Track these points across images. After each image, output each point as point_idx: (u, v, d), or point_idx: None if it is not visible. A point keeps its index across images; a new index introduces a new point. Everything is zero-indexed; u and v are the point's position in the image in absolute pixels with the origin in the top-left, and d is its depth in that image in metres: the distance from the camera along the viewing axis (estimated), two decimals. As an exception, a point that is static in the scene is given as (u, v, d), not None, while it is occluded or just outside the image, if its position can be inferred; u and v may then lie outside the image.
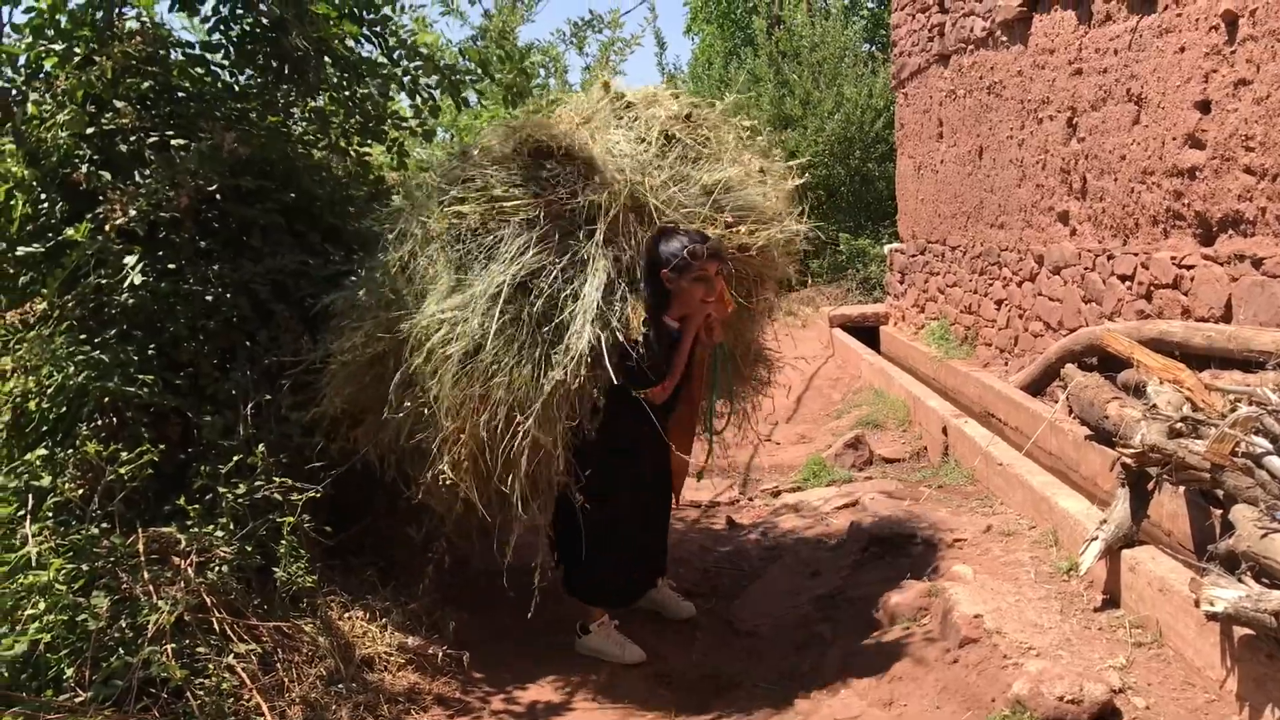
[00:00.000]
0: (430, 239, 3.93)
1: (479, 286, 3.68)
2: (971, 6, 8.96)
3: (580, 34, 10.23)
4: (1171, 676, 3.42)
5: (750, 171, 4.20)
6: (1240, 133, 4.95)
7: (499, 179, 3.91)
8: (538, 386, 3.54)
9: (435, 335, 3.68)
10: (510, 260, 3.70)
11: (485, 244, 3.79)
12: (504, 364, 3.57)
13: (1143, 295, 5.96)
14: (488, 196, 3.86)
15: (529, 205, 3.80)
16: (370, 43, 5.06)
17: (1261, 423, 3.25)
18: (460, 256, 3.81)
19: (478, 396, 3.58)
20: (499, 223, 3.81)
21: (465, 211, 3.85)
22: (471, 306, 3.66)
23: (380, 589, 4.23)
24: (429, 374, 3.71)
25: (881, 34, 21.25)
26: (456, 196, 3.92)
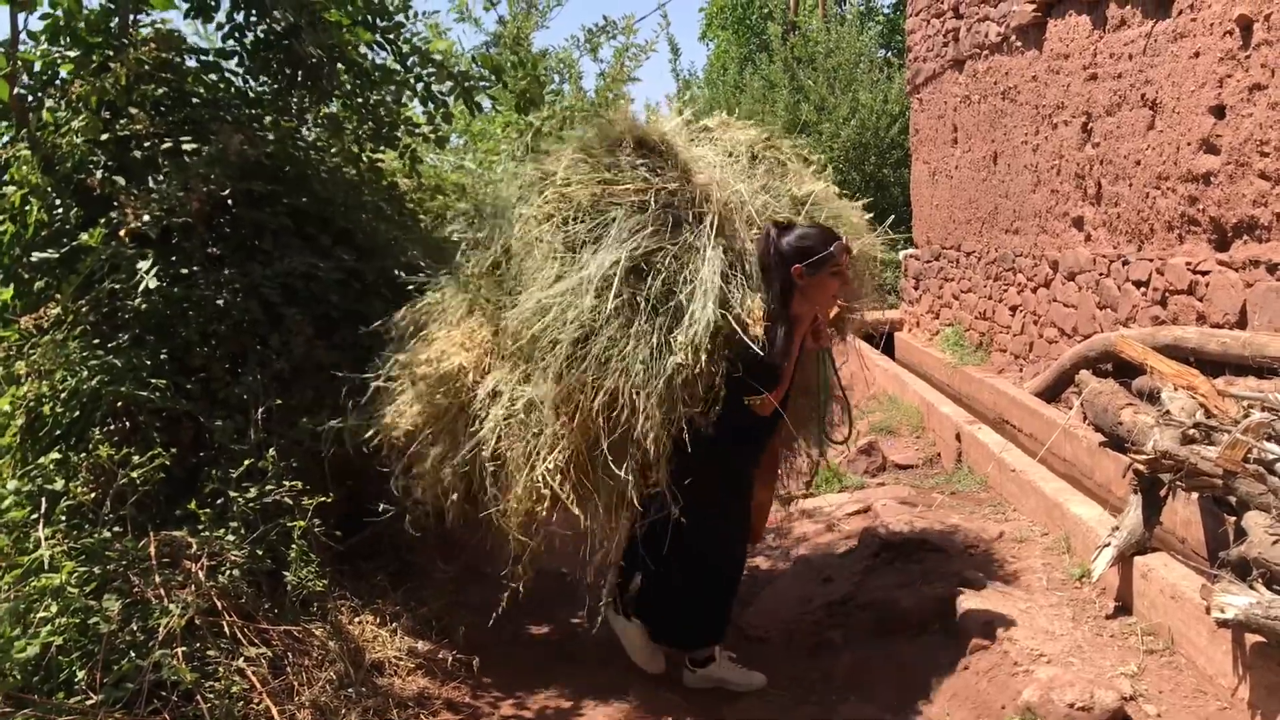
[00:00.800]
0: (528, 232, 3.74)
1: (591, 268, 3.48)
2: (986, 12, 8.95)
3: (594, 40, 10.24)
4: (1183, 684, 3.40)
5: (831, 191, 4.14)
6: (1255, 138, 4.93)
7: (606, 164, 3.75)
8: (659, 370, 3.35)
9: (539, 324, 3.48)
10: (624, 240, 3.52)
11: (595, 226, 3.60)
12: (621, 349, 3.38)
13: (1158, 301, 5.93)
14: (597, 179, 3.69)
15: (640, 189, 3.64)
16: (383, 50, 5.08)
17: (1274, 429, 3.23)
18: (566, 240, 3.61)
19: (590, 385, 3.38)
20: (609, 204, 3.63)
21: (572, 193, 3.68)
22: (583, 289, 3.45)
23: (391, 593, 4.24)
24: (531, 368, 3.54)
25: (897, 39, 21.22)
26: (562, 180, 3.75)
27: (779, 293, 3.54)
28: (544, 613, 4.57)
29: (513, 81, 6.13)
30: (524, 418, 3.54)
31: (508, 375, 3.63)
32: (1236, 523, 3.39)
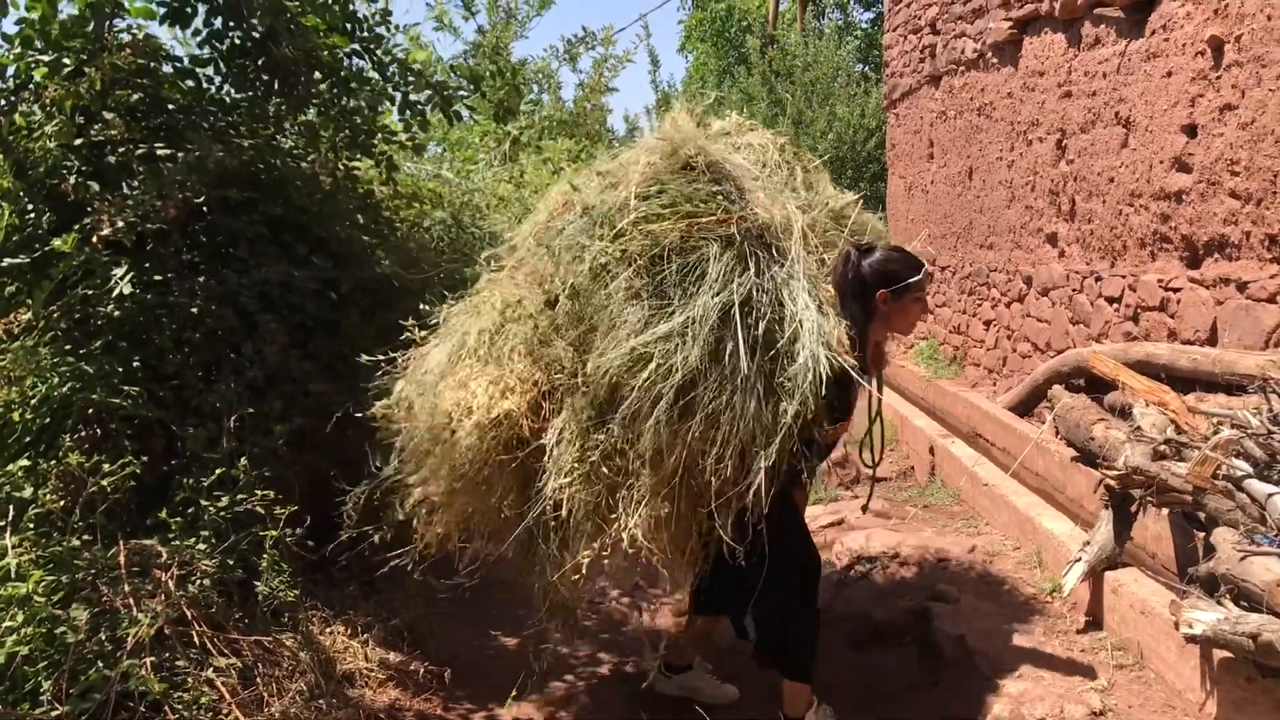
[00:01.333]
0: (603, 271, 3.34)
1: (695, 311, 3.16)
2: (962, 29, 9.02)
3: (573, 50, 10.28)
4: (1152, 699, 3.43)
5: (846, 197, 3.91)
6: (1226, 157, 4.98)
7: (681, 193, 3.40)
8: (774, 419, 3.09)
9: (640, 375, 3.15)
10: (721, 279, 3.21)
11: (686, 264, 3.26)
12: (727, 398, 3.09)
13: (1130, 317, 5.98)
14: (681, 212, 3.35)
15: (724, 220, 3.33)
16: (360, 57, 5.07)
17: (1242, 446, 3.26)
18: (655, 282, 3.26)
19: (696, 437, 3.10)
20: (700, 239, 3.29)
21: (658, 230, 3.31)
22: (688, 334, 3.14)
23: (363, 604, 4.22)
24: (626, 420, 3.17)
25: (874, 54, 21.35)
26: (645, 215, 3.36)
27: (860, 318, 3.36)
28: (517, 625, 4.56)
29: (491, 91, 6.13)
30: (600, 468, 3.22)
31: (573, 421, 3.28)
32: (1206, 539, 3.42)
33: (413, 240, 5.74)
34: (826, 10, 24.69)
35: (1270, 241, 4.67)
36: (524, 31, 9.80)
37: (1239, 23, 4.87)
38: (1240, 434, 3.32)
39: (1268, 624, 2.69)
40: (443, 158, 7.96)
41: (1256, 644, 2.70)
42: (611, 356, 3.20)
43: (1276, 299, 4.60)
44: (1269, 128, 4.64)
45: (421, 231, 6.02)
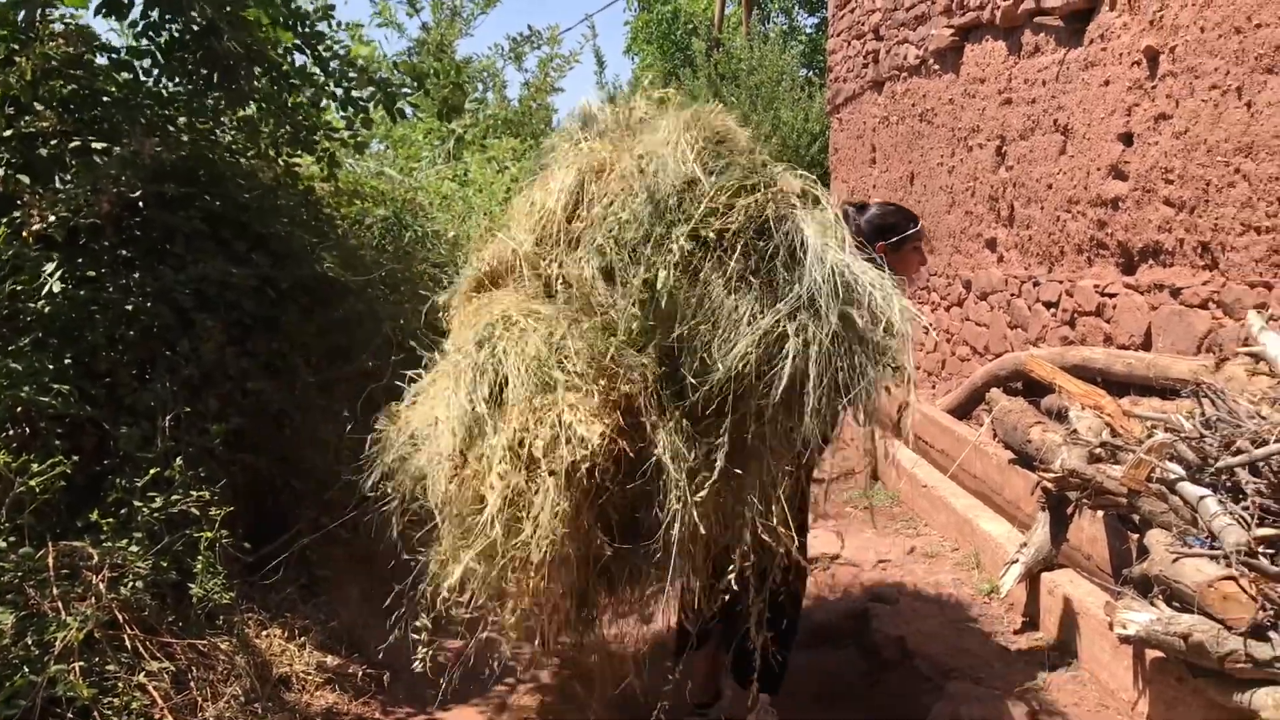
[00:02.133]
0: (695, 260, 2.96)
1: (815, 278, 2.88)
2: (905, 35, 9.11)
3: (519, 50, 10.23)
4: (1087, 699, 3.47)
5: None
6: (1161, 165, 5.07)
7: (743, 165, 3.11)
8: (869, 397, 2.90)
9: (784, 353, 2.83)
10: (824, 251, 2.93)
11: (787, 234, 2.95)
12: (860, 365, 2.86)
13: (1066, 322, 6.07)
14: (755, 185, 3.03)
15: (788, 191, 3.08)
16: (303, 52, 5.00)
17: (1176, 449, 3.31)
18: (760, 259, 2.94)
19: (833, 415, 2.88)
20: (785, 213, 3.00)
21: (753, 201, 2.99)
22: (820, 303, 2.86)
23: (301, 606, 4.16)
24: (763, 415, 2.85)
25: (818, 59, 21.50)
26: (731, 189, 3.00)
27: None
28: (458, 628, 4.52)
29: (435, 89, 6.09)
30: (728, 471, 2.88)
31: (680, 431, 2.90)
32: (1139, 540, 3.47)
33: (354, 238, 5.68)
34: (771, 14, 24.81)
35: (1203, 248, 4.77)
36: (469, 30, 9.75)
37: (1174, 34, 4.97)
38: (1173, 438, 3.37)
39: (1198, 624, 2.74)
40: (386, 155, 7.88)
41: (1188, 644, 2.75)
42: (740, 346, 2.84)
43: (1209, 305, 4.69)
44: (1202, 137, 4.74)
45: (363, 229, 5.96)
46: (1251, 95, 4.41)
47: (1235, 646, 2.59)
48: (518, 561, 2.86)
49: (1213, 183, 4.67)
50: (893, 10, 9.42)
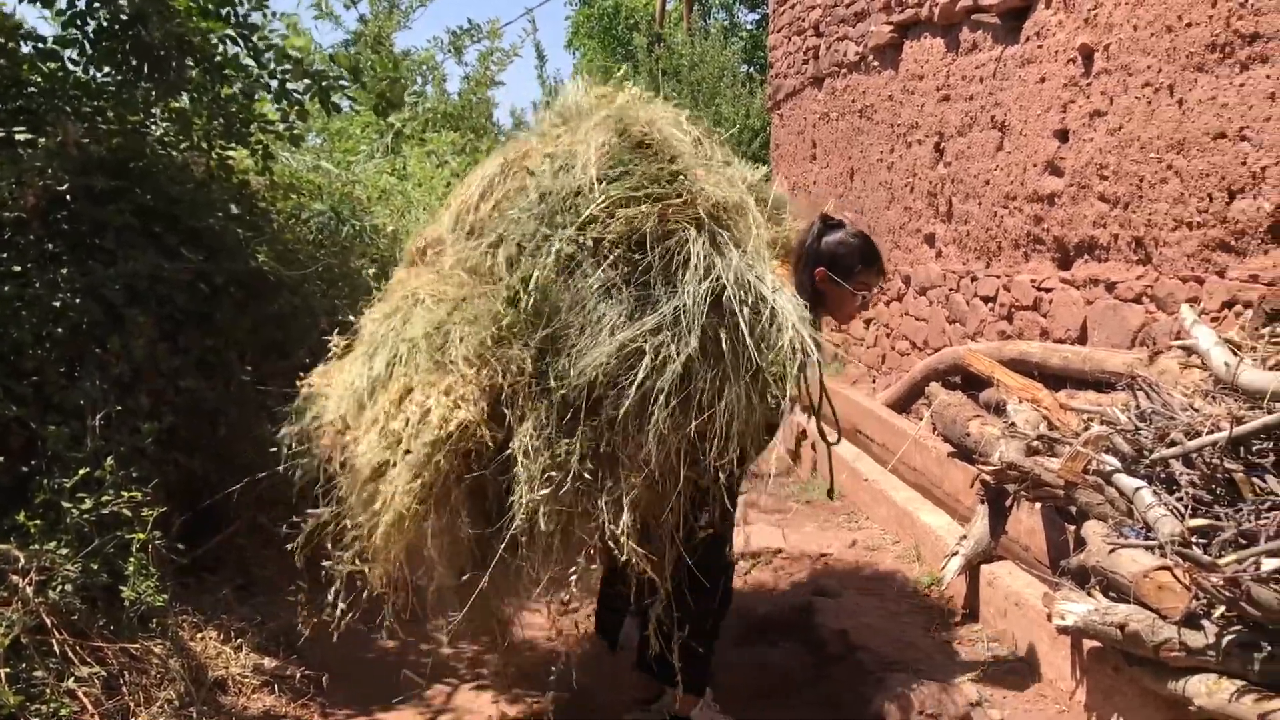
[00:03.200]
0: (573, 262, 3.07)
1: (685, 298, 2.95)
2: (845, 31, 9.16)
3: (458, 43, 10.13)
4: (1026, 689, 3.51)
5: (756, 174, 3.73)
6: (1095, 162, 5.14)
7: (644, 174, 3.16)
8: (767, 409, 2.95)
9: (633, 371, 2.91)
10: (704, 264, 2.99)
11: (668, 251, 3.03)
12: (723, 389, 2.91)
13: (1004, 316, 6.14)
14: (651, 195, 3.10)
15: (690, 201, 3.11)
16: (236, 44, 4.90)
17: (1111, 441, 3.36)
18: (634, 272, 3.02)
19: (694, 431, 2.90)
20: (675, 223, 3.06)
21: (633, 214, 3.06)
22: (681, 323, 2.93)
23: (237, 608, 4.09)
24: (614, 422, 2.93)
25: (759, 55, 21.59)
26: (616, 199, 3.10)
27: (810, 302, 3.19)
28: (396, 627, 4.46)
29: (372, 81, 6.01)
30: (581, 474, 2.95)
31: (542, 427, 2.99)
32: (1077, 532, 3.52)
33: (290, 232, 5.59)
34: (712, 10, 24.87)
35: (1136, 244, 4.84)
36: (407, 22, 9.62)
37: (1108, 32, 5.04)
38: (1109, 430, 3.42)
39: (1134, 614, 2.77)
40: (322, 149, 7.77)
41: (1124, 634, 2.78)
42: (597, 354, 2.94)
43: (1143, 300, 4.77)
44: (1135, 134, 4.81)
45: (299, 223, 5.86)
46: (1183, 93, 4.48)
47: (1170, 635, 2.63)
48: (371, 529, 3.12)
49: (1146, 179, 4.74)
50: (833, 7, 9.48)
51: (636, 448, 2.92)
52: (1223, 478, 2.92)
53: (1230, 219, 4.20)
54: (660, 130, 3.30)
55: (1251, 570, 2.43)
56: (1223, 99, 4.25)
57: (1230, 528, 2.71)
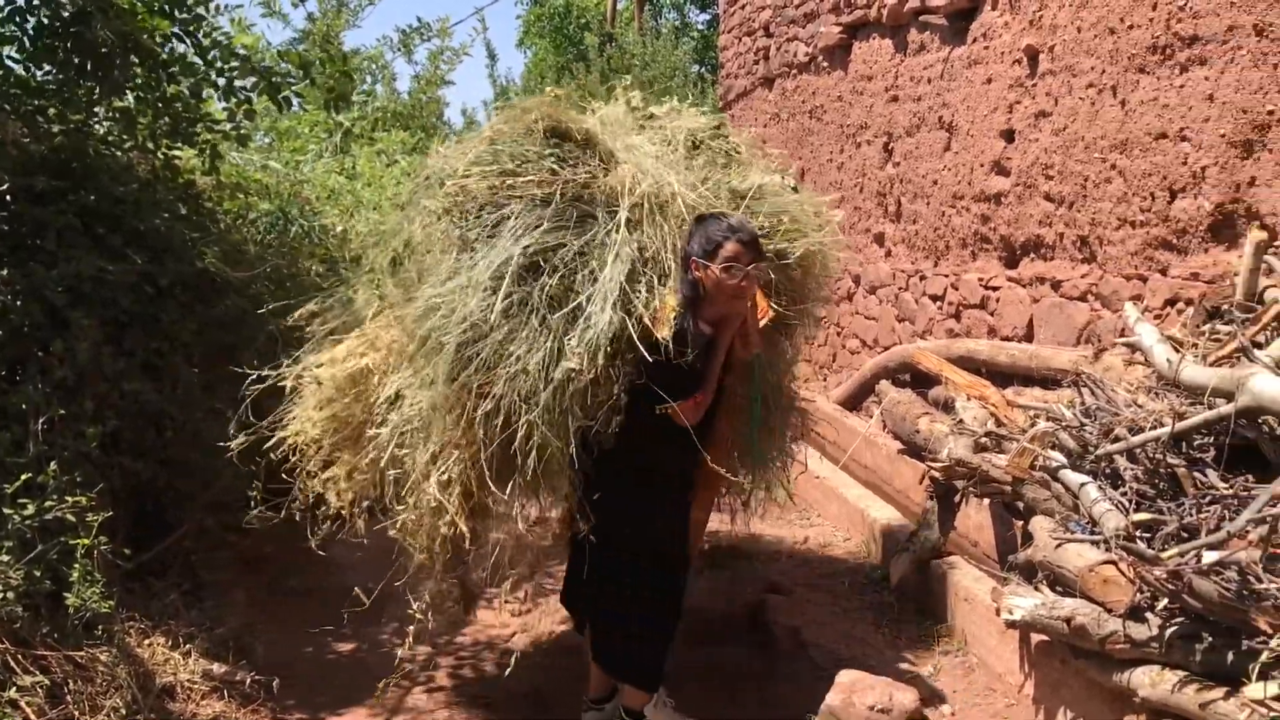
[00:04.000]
0: (428, 225, 3.53)
1: (480, 265, 3.25)
2: (795, 32, 9.21)
3: (408, 41, 10.07)
4: (976, 683, 3.56)
5: (783, 185, 3.88)
6: (1041, 161, 5.21)
7: (509, 153, 3.47)
8: (547, 377, 3.10)
9: (428, 323, 3.29)
10: (520, 235, 3.26)
11: (492, 220, 3.36)
12: (510, 352, 3.14)
13: (952, 315, 6.21)
14: (499, 170, 3.43)
15: (545, 181, 3.38)
16: (182, 41, 4.83)
17: (1057, 438, 3.40)
18: (462, 235, 3.39)
19: (476, 391, 3.17)
20: (508, 197, 3.37)
21: (470, 185, 3.42)
22: (472, 287, 3.23)
23: (185, 613, 4.03)
24: (421, 372, 3.34)
25: (710, 55, 21.64)
26: (463, 173, 3.47)
27: (688, 291, 3.22)
28: (350, 630, 4.43)
29: (321, 79, 5.94)
30: (420, 425, 3.35)
31: (410, 378, 3.42)
32: (1024, 527, 3.56)
33: (237, 233, 5.52)
34: (664, 10, 24.90)
35: (1081, 242, 4.91)
36: (357, 21, 9.56)
37: (1052, 33, 5.10)
38: (1055, 427, 3.47)
39: (1080, 608, 2.82)
40: (270, 148, 7.68)
41: (1070, 627, 2.82)
42: (414, 307, 3.33)
43: (1087, 297, 4.84)
44: (1080, 134, 4.88)
45: (246, 224, 5.79)
46: (1125, 94, 4.55)
47: (1115, 628, 2.68)
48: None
49: (1090, 178, 4.81)
50: (783, 8, 9.52)
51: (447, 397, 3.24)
52: (1165, 473, 2.97)
53: (1172, 218, 4.28)
54: (559, 121, 3.55)
55: (1193, 563, 2.48)
56: (1164, 100, 4.32)
57: (1173, 522, 2.76)
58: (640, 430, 3.21)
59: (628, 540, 3.40)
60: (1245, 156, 3.93)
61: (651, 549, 3.45)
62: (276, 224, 5.94)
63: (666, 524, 3.50)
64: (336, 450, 3.78)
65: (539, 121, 3.54)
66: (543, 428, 3.10)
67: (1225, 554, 2.42)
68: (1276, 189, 3.81)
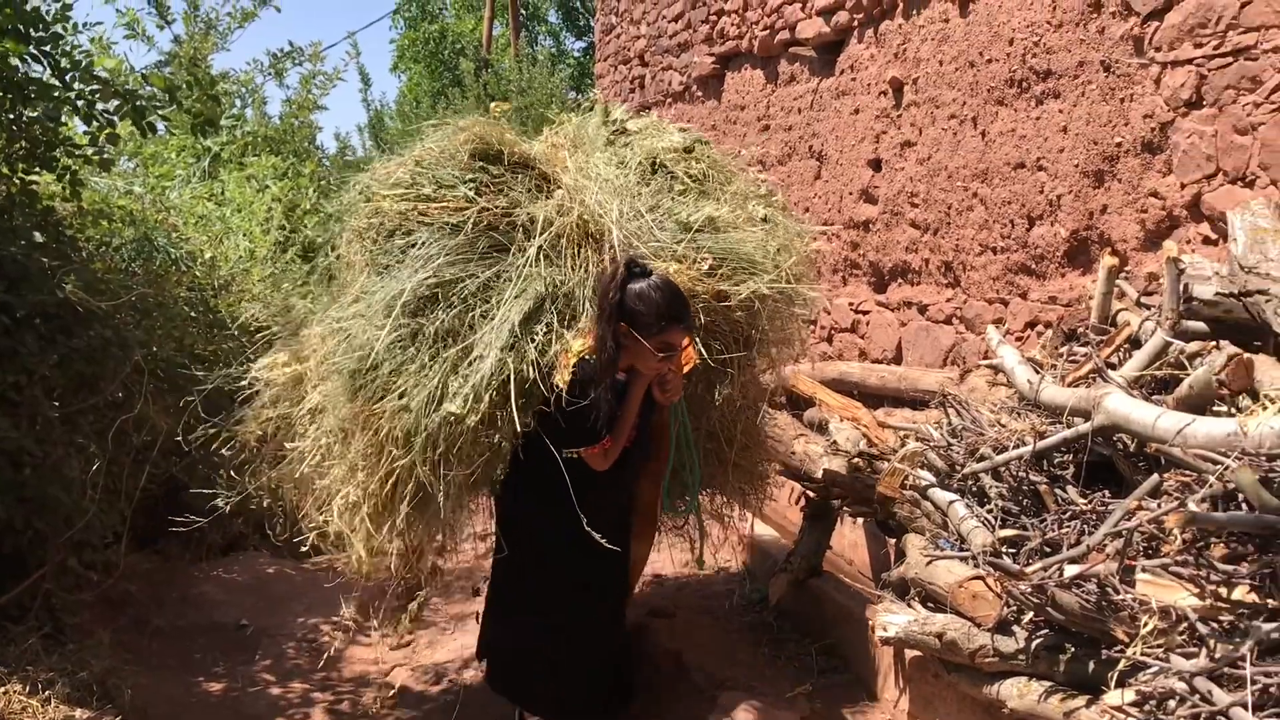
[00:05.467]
0: (349, 244, 3.51)
1: (379, 294, 3.21)
2: (669, 62, 9.33)
3: (279, 65, 9.89)
4: (854, 700, 3.62)
5: (751, 217, 3.70)
6: (907, 190, 5.39)
7: (429, 178, 3.40)
8: (429, 416, 3.03)
9: (328, 345, 3.29)
10: (420, 266, 3.19)
11: (400, 246, 3.31)
12: (397, 386, 3.08)
13: (825, 338, 6.35)
14: (415, 195, 3.37)
15: (458, 208, 3.29)
16: (39, 62, 4.65)
17: (926, 457, 3.50)
18: (374, 259, 3.37)
19: (363, 423, 3.14)
20: (419, 223, 3.31)
21: (384, 209, 3.38)
22: (367, 315, 3.20)
23: (44, 658, 3.85)
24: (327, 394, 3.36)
25: (587, 82, 21.77)
26: (383, 195, 3.44)
27: (608, 340, 3.09)
28: (221, 670, 4.30)
29: (188, 102, 5.79)
30: (330, 443, 3.34)
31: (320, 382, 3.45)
32: (897, 545, 3.65)
33: (100, 261, 5.33)
34: (539, 37, 24.97)
35: (946, 268, 5.08)
36: (225, 44, 9.32)
37: (916, 66, 5.29)
38: (924, 446, 3.56)
39: (951, 623, 2.90)
40: (135, 173, 7.45)
41: (942, 642, 2.90)
42: (312, 330, 3.39)
43: (952, 321, 5.00)
44: (943, 163, 5.06)
45: (110, 251, 5.60)
46: (985, 125, 4.74)
47: (984, 642, 2.76)
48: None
49: (954, 206, 4.99)
50: (657, 38, 9.64)
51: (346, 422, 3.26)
52: (1028, 490, 3.08)
53: (1031, 244, 4.46)
54: (491, 143, 3.49)
55: (1056, 577, 2.57)
56: (1021, 131, 4.51)
57: (1036, 537, 2.85)
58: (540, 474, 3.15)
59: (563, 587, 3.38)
60: (1097, 186, 4.12)
61: (589, 591, 3.44)
62: (142, 251, 5.75)
63: (603, 566, 3.37)
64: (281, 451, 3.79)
65: (466, 143, 3.47)
66: (419, 469, 3.04)
67: (1085, 567, 2.51)
68: (1126, 216, 4.01)
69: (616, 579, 3.57)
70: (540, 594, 3.42)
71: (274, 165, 8.62)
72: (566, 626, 3.42)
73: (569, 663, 3.47)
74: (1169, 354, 3.08)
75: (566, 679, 3.49)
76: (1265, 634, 2.13)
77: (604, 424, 3.10)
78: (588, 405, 3.03)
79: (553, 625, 3.42)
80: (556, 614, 3.41)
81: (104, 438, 3.92)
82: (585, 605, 3.45)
